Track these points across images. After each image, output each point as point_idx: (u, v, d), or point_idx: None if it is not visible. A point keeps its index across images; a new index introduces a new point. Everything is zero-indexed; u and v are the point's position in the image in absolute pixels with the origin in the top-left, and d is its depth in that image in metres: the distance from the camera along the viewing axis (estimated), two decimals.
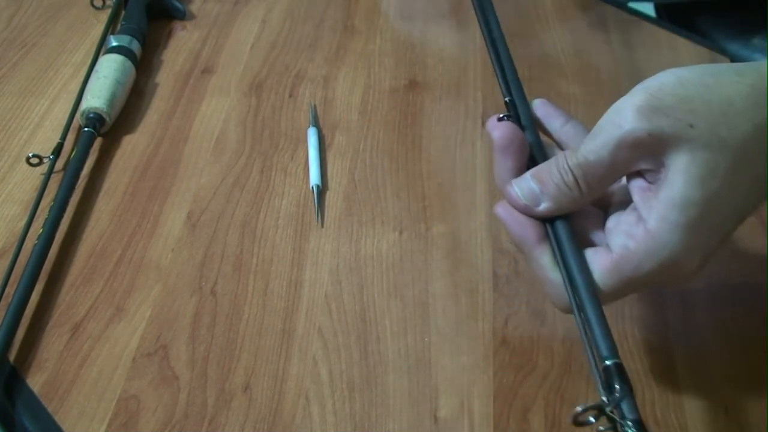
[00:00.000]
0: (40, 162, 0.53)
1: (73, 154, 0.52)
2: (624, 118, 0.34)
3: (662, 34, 0.68)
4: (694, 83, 0.34)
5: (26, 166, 0.53)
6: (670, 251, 0.34)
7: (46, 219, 0.48)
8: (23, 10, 0.69)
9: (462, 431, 0.40)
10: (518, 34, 0.67)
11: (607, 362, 0.33)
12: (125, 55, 0.59)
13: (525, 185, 0.37)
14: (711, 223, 0.34)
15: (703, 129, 0.33)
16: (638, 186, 0.36)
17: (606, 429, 0.31)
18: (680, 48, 0.67)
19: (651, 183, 0.35)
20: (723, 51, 0.67)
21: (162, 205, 0.51)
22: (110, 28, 0.66)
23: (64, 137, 0.54)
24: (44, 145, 0.55)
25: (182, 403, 0.41)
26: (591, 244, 0.38)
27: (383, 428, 0.40)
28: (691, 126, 0.33)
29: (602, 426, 0.31)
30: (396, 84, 0.62)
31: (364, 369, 0.42)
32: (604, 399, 0.31)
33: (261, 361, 0.43)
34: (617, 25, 0.69)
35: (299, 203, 0.52)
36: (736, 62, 0.68)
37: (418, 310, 0.45)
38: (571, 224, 0.37)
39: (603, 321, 0.34)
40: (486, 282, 0.47)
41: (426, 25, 0.68)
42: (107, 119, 0.55)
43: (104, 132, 0.56)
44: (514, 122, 0.39)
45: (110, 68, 0.58)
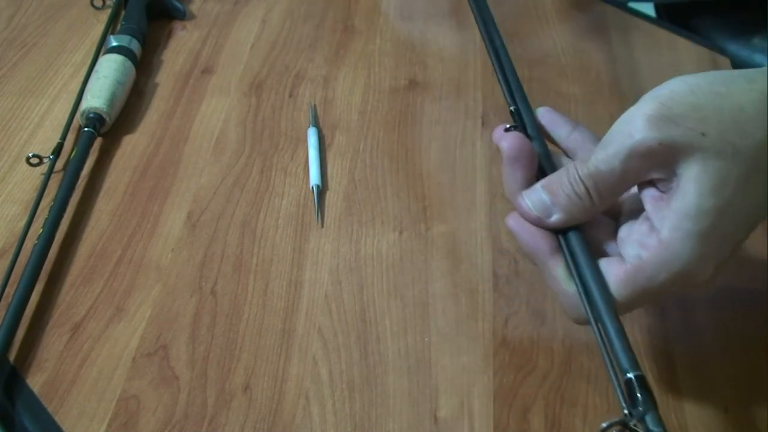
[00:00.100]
0: (40, 162, 0.53)
1: (73, 154, 0.52)
2: (635, 128, 0.34)
3: (662, 34, 0.68)
4: (705, 91, 0.34)
5: (26, 166, 0.53)
6: (684, 261, 0.33)
7: (46, 219, 0.48)
8: (23, 10, 0.69)
9: (462, 431, 0.40)
10: (518, 34, 0.67)
11: (629, 375, 0.32)
12: (125, 55, 0.59)
13: (536, 197, 0.37)
14: (724, 232, 0.34)
15: (715, 137, 0.33)
16: (650, 195, 0.35)
17: None
18: (680, 48, 0.67)
19: (663, 192, 0.35)
20: (723, 51, 0.67)
21: (162, 205, 0.51)
22: (110, 28, 0.66)
23: (64, 137, 0.54)
24: (44, 145, 0.55)
25: (182, 403, 0.41)
26: (603, 254, 0.37)
27: (383, 428, 0.40)
28: (703, 135, 0.33)
29: None
30: (396, 84, 0.62)
31: (364, 369, 0.42)
32: (626, 413, 0.31)
33: (261, 361, 0.43)
34: (617, 25, 0.69)
35: (299, 203, 0.52)
36: (737, 62, 0.68)
37: (418, 310, 0.45)
38: (583, 234, 0.37)
39: (622, 333, 0.34)
40: (486, 282, 0.47)
41: (426, 25, 0.68)
42: (107, 119, 0.55)
43: (104, 132, 0.56)
44: (521, 132, 0.39)
45: (110, 68, 0.58)
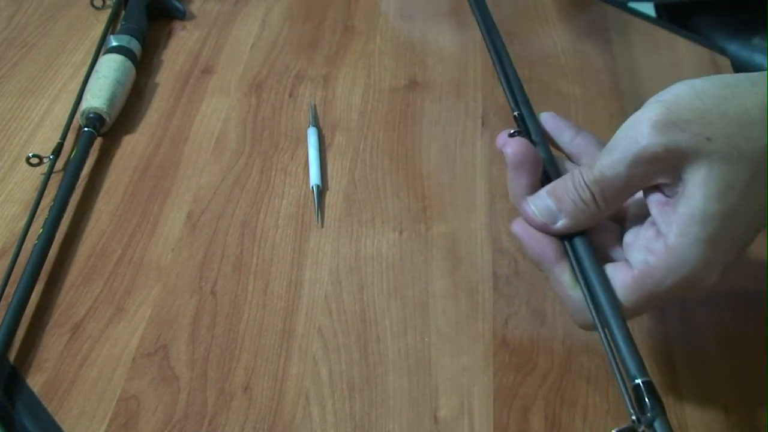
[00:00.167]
0: (40, 162, 0.53)
1: (73, 154, 0.52)
2: (640, 133, 0.34)
3: (662, 34, 0.68)
4: (710, 95, 0.34)
5: (26, 166, 0.53)
6: (691, 266, 0.33)
7: (46, 219, 0.48)
8: (23, 10, 0.69)
9: (462, 431, 0.40)
10: (518, 34, 0.66)
11: (637, 380, 0.32)
12: (125, 55, 0.59)
13: (541, 203, 0.37)
14: (730, 236, 0.33)
15: (721, 142, 0.33)
16: (656, 200, 0.35)
17: None
18: (680, 48, 0.67)
19: (668, 197, 0.35)
20: (723, 51, 0.67)
21: (162, 205, 0.51)
22: (110, 28, 0.66)
23: (64, 137, 0.54)
24: (44, 145, 0.55)
25: (182, 403, 0.41)
26: (609, 260, 0.37)
27: (383, 428, 0.40)
28: (709, 139, 0.33)
29: None
30: (396, 84, 0.62)
31: (364, 369, 0.42)
32: (635, 419, 0.31)
33: (261, 361, 0.43)
34: (617, 25, 0.69)
35: (299, 203, 0.52)
36: (737, 62, 0.68)
37: (418, 310, 0.45)
38: (589, 240, 0.37)
39: (630, 339, 0.34)
40: (486, 282, 0.47)
41: (426, 25, 0.68)
42: (107, 119, 0.55)
43: (104, 132, 0.56)
44: (525, 137, 0.39)
45: (110, 68, 0.58)
